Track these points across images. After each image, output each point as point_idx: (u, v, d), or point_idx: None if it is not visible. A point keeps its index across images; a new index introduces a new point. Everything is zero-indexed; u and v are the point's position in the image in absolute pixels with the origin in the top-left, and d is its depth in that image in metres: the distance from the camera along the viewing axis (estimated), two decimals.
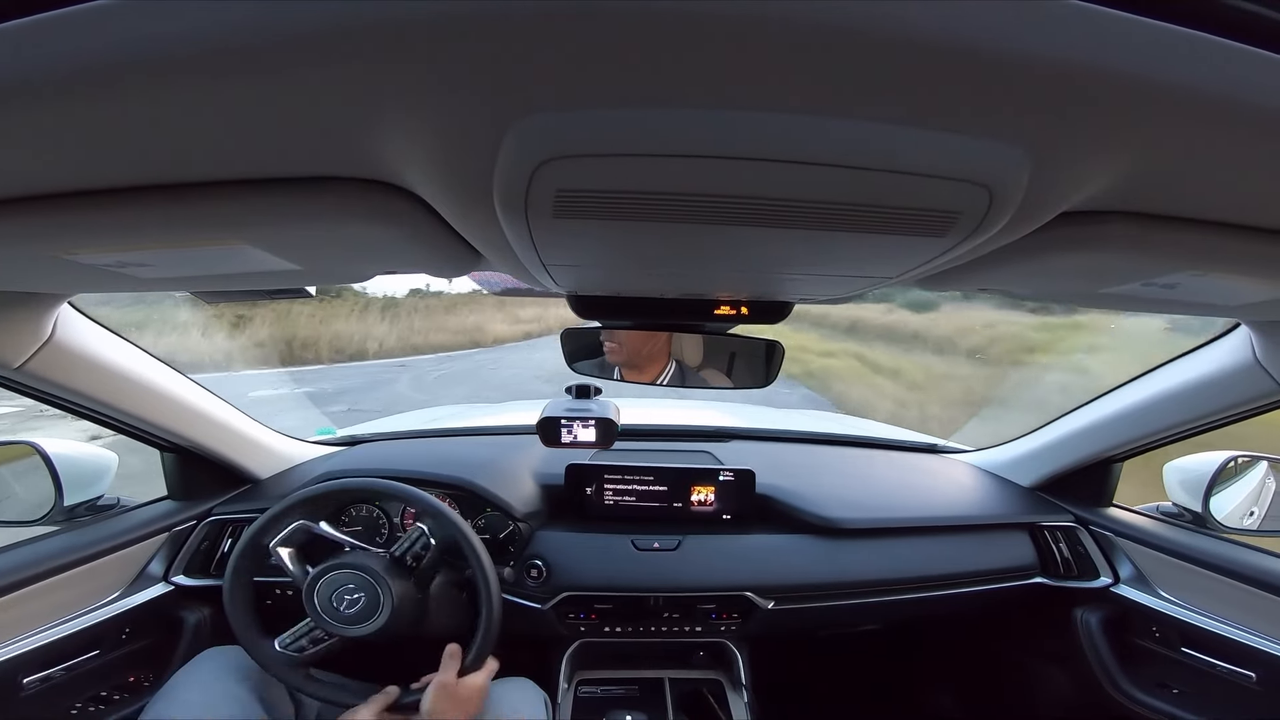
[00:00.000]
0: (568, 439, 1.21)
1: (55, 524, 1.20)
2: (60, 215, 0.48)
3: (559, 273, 0.71)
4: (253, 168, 0.45)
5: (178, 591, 1.30)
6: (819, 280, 0.74)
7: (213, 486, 1.42)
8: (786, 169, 0.37)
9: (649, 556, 1.36)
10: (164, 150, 0.40)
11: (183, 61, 0.29)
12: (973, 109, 0.32)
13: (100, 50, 0.28)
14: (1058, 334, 9.76)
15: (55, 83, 0.30)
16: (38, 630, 1.07)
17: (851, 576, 1.37)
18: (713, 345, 1.11)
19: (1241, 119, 0.32)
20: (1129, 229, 0.50)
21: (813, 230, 0.47)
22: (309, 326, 12.87)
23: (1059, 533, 1.45)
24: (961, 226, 0.44)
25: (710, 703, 1.44)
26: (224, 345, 10.82)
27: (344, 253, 0.65)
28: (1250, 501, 1.30)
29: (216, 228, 0.51)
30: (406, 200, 0.49)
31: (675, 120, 0.32)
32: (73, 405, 1.10)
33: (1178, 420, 1.21)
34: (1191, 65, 0.29)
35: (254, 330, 12.18)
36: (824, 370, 10.22)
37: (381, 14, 0.26)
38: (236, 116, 0.35)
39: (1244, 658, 1.13)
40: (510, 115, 0.33)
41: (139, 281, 0.72)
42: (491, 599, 1.12)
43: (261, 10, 0.26)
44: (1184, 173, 0.41)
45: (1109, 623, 1.37)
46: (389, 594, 1.08)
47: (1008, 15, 0.26)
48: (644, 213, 0.44)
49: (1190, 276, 0.61)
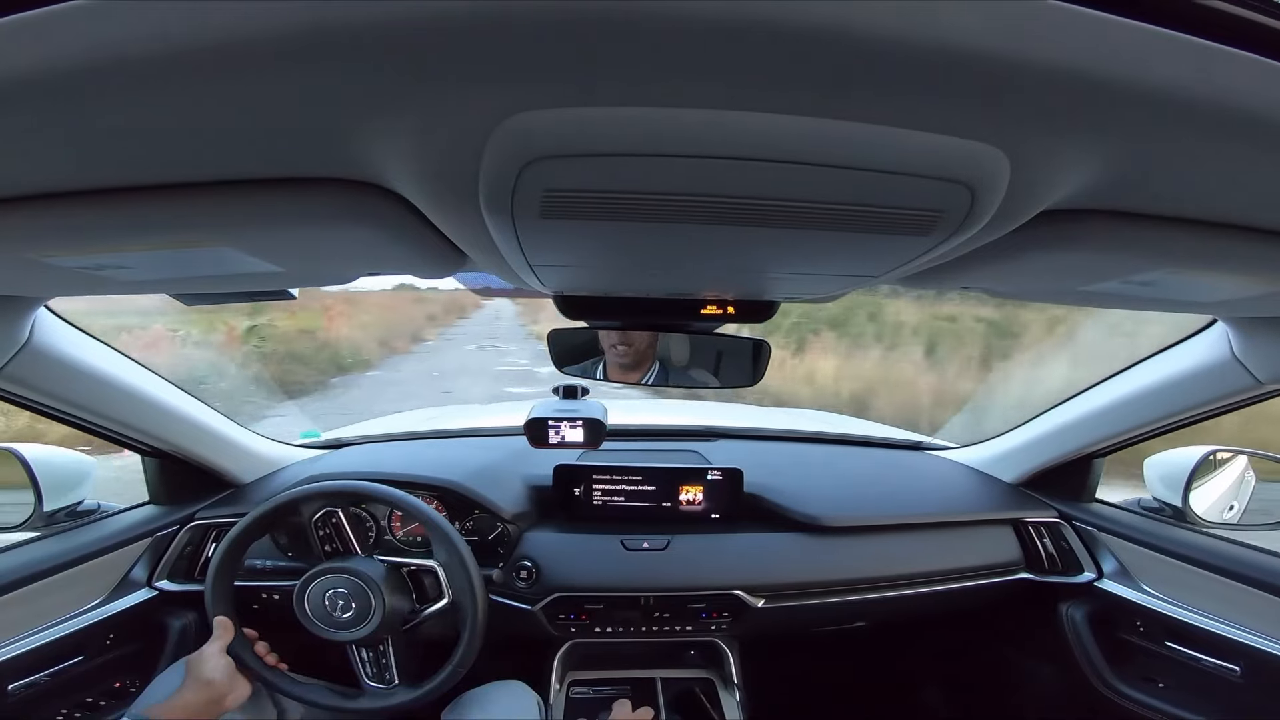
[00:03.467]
0: (555, 440, 1.20)
1: (35, 530, 1.18)
2: (36, 217, 0.47)
3: (545, 273, 0.71)
4: (233, 169, 0.44)
5: (161, 597, 1.28)
6: (804, 279, 0.74)
7: (195, 491, 1.40)
8: (772, 168, 0.37)
9: (638, 556, 1.36)
10: (141, 151, 0.40)
11: (158, 62, 0.28)
12: (953, 109, 0.32)
13: (74, 51, 0.28)
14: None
15: (27, 84, 0.30)
16: (21, 636, 1.05)
17: (840, 574, 1.38)
18: (700, 345, 1.11)
19: (1217, 119, 0.32)
20: (1108, 227, 0.51)
21: (798, 229, 0.48)
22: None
23: (1043, 528, 1.47)
24: (944, 225, 0.45)
25: (702, 701, 1.44)
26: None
27: (327, 254, 0.65)
28: (1230, 496, 1.31)
29: (196, 230, 0.51)
30: (391, 201, 0.49)
31: (661, 120, 0.33)
32: (51, 411, 1.08)
33: (1158, 415, 1.23)
34: (1168, 65, 0.29)
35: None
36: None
37: (364, 14, 0.26)
38: (215, 117, 0.35)
39: (1228, 651, 1.14)
40: (496, 115, 0.33)
41: (118, 284, 0.71)
42: (476, 599, 1.12)
43: (240, 10, 0.26)
44: (1162, 172, 0.42)
45: (1094, 617, 1.38)
46: (381, 600, 1.08)
47: (987, 16, 0.26)
48: (630, 213, 0.44)
49: (1168, 274, 0.62)
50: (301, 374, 8.70)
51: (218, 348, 8.41)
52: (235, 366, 7.78)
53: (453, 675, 1.12)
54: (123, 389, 1.14)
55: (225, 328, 9.03)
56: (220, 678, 1.02)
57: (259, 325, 9.97)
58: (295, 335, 10.19)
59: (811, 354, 8.52)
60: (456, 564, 1.14)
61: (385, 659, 1.14)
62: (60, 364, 1.02)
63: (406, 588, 1.16)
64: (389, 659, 1.14)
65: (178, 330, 8.62)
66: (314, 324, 10.82)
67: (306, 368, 8.98)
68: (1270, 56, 0.29)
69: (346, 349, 10.11)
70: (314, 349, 9.77)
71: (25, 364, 0.95)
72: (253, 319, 9.63)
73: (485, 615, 1.13)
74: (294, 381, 8.37)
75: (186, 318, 8.77)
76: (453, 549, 1.14)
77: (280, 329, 10.27)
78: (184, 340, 8.44)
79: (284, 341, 9.64)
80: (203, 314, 9.55)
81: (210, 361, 7.75)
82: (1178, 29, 0.28)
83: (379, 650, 1.14)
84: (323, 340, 10.28)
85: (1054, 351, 6.54)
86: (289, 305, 10.97)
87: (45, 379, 1.01)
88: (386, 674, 1.14)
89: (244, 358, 8.34)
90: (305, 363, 9.11)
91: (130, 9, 0.27)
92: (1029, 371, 6.79)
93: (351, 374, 9.31)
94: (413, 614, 1.15)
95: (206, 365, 7.58)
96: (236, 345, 8.61)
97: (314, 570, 1.09)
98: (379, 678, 1.14)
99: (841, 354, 8.69)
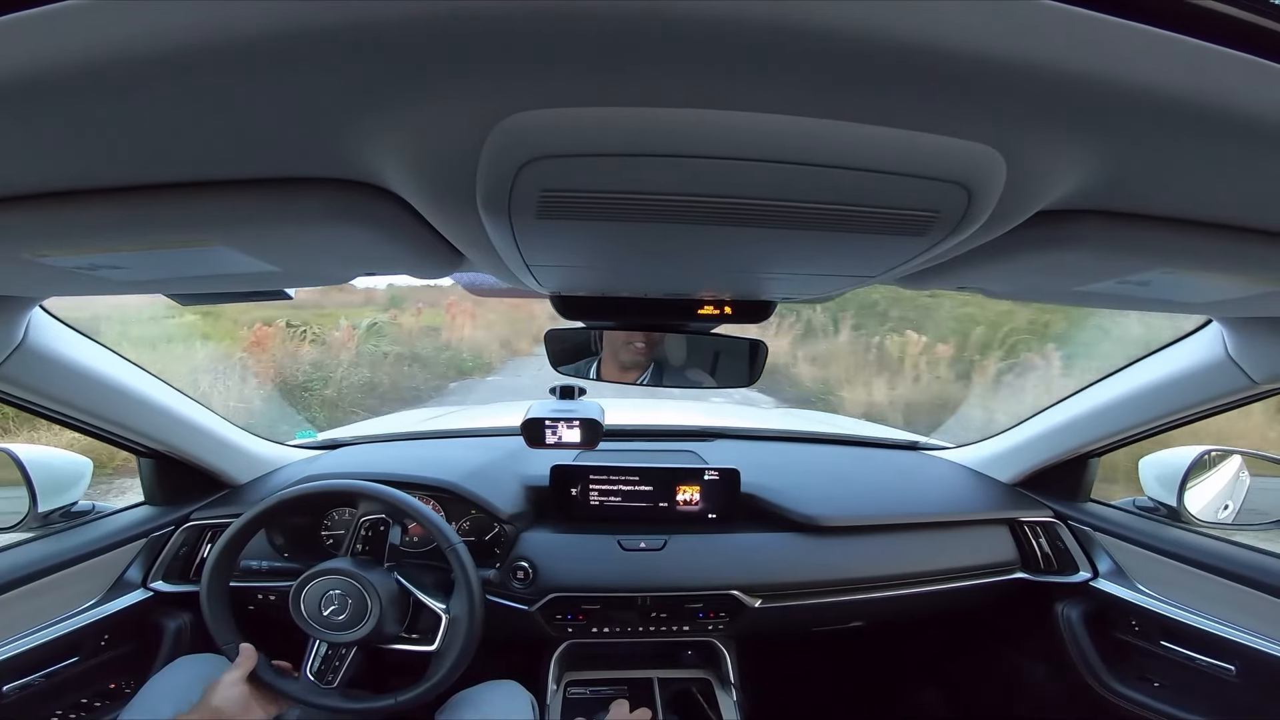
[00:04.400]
0: (552, 440, 1.20)
1: (30, 531, 1.18)
2: (30, 216, 0.47)
3: (542, 273, 0.71)
4: (229, 168, 0.44)
5: (157, 598, 1.28)
6: (801, 279, 0.74)
7: (191, 491, 1.40)
8: (769, 169, 0.37)
9: (635, 557, 1.36)
10: (136, 151, 0.40)
11: (156, 62, 0.28)
12: (950, 110, 0.32)
13: (71, 51, 0.28)
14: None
15: (21, 83, 0.29)
16: (16, 637, 1.05)
17: (837, 574, 1.38)
18: (696, 345, 1.11)
19: (1212, 120, 0.32)
20: (1104, 227, 0.51)
21: (794, 230, 0.48)
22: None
23: (1039, 528, 1.47)
24: (940, 226, 0.45)
25: (699, 702, 1.44)
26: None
27: (323, 254, 0.65)
28: (1225, 495, 1.32)
29: (191, 229, 0.51)
30: (387, 201, 0.49)
31: (659, 120, 0.33)
32: (46, 411, 1.07)
33: (1153, 415, 1.23)
34: (1164, 66, 0.29)
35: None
36: None
37: (361, 14, 0.26)
38: (211, 117, 0.34)
39: (1223, 650, 1.15)
40: (493, 116, 0.33)
41: (112, 284, 0.71)
42: (474, 598, 1.12)
43: (237, 10, 0.26)
44: (1158, 172, 0.42)
45: (1090, 617, 1.39)
46: (375, 595, 1.07)
47: (984, 17, 0.26)
48: (627, 213, 0.44)
49: (1163, 274, 0.62)
50: (419, 377, 8.22)
51: (334, 346, 8.07)
52: (345, 368, 7.40)
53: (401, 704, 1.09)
54: (118, 389, 1.14)
55: (345, 324, 8.63)
56: (231, 708, 0.99)
57: (379, 323, 9.56)
58: (418, 333, 9.72)
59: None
60: (464, 615, 1.12)
61: (339, 663, 1.11)
62: (55, 364, 1.01)
63: (405, 613, 1.14)
64: (342, 665, 1.11)
65: (296, 326, 8.27)
66: (437, 321, 10.34)
67: (425, 370, 8.48)
68: (1264, 57, 0.29)
69: (467, 350, 9.48)
70: (435, 350, 9.23)
71: (19, 364, 0.95)
72: (376, 315, 9.23)
73: (482, 612, 1.12)
74: (409, 386, 7.90)
75: (300, 315, 8.38)
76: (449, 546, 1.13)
77: (404, 327, 9.92)
78: (300, 336, 8.08)
79: (405, 341, 9.21)
80: (322, 311, 9.14)
81: (319, 362, 7.46)
82: (1173, 29, 0.28)
83: (340, 653, 1.11)
84: (444, 340, 9.71)
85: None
86: (415, 301, 10.40)
87: (40, 379, 1.00)
88: (329, 676, 1.11)
89: (361, 358, 7.94)
90: (424, 364, 8.61)
91: (124, 8, 0.27)
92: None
93: (471, 378, 8.67)
94: (395, 639, 1.13)
95: (313, 366, 7.31)
96: (353, 343, 8.25)
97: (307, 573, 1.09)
98: (320, 676, 1.11)
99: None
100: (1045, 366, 6.56)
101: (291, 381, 7.01)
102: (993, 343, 6.52)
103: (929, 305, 7.87)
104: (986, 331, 6.52)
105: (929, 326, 7.81)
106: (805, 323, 9.05)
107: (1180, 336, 1.15)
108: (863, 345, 7.89)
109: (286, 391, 6.80)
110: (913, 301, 8.06)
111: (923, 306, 8.03)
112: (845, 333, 8.34)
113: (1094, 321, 5.95)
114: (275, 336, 7.77)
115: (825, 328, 8.80)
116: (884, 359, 7.56)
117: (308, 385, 7.00)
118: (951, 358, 6.88)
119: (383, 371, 7.83)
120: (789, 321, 9.14)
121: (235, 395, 6.15)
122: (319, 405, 6.73)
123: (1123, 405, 1.27)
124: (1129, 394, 1.25)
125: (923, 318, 8.01)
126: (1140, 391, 1.23)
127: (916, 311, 8.11)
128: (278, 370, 7.07)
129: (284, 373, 7.09)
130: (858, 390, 6.84)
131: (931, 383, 6.44)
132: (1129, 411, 1.27)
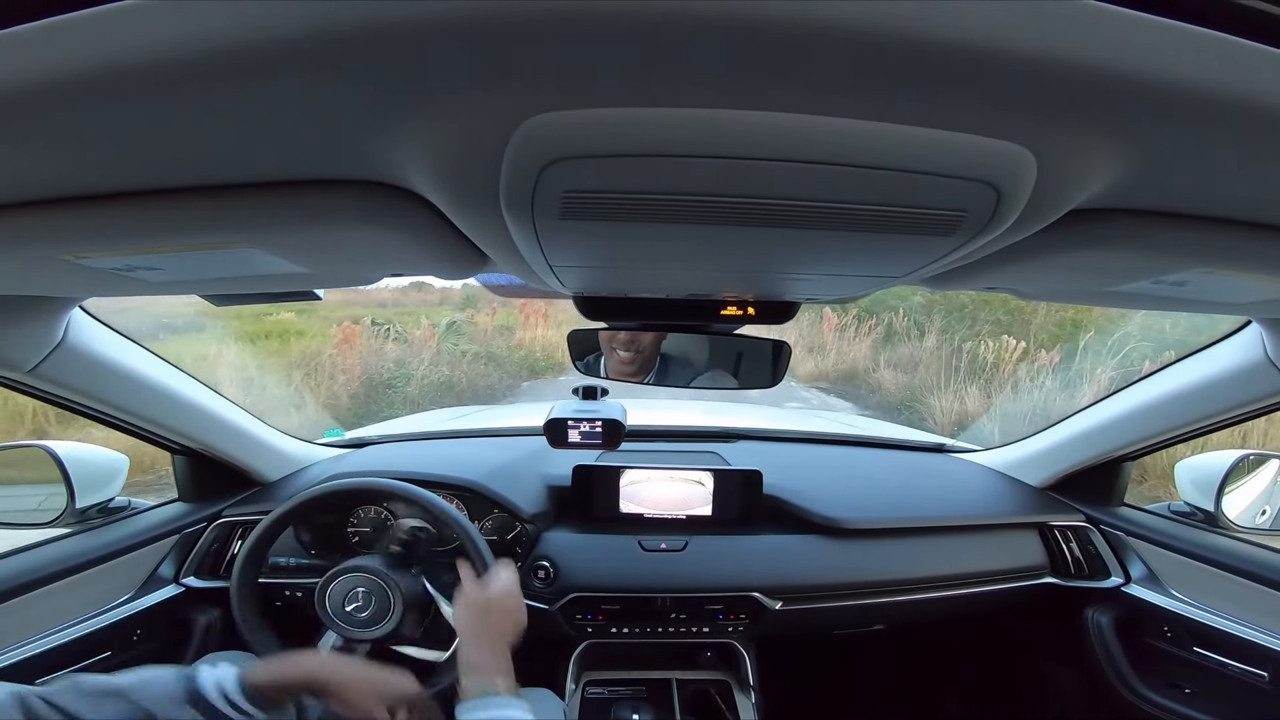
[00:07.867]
0: (575, 440, 1.21)
1: (68, 526, 1.21)
2: (69, 219, 0.48)
3: (565, 274, 0.71)
4: (260, 171, 0.45)
5: (188, 593, 1.31)
6: (826, 280, 0.74)
7: (223, 488, 1.43)
8: (795, 169, 0.36)
9: (656, 557, 1.36)
10: (170, 154, 0.41)
11: (190, 67, 0.29)
12: (980, 108, 0.32)
13: (107, 55, 0.28)
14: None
15: (62, 88, 0.30)
16: (51, 631, 1.07)
17: (859, 577, 1.37)
18: (719, 346, 1.11)
19: (1249, 116, 0.31)
20: (1138, 226, 0.50)
21: (820, 231, 0.47)
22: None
23: (1069, 532, 1.44)
24: (969, 226, 0.44)
25: (718, 703, 1.43)
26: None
27: (351, 255, 0.66)
28: (1263, 500, 1.29)
29: (223, 231, 0.52)
30: (412, 202, 0.49)
31: (683, 120, 0.32)
32: (83, 409, 1.10)
33: (1189, 419, 1.20)
34: (1199, 62, 0.28)
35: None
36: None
37: (388, 17, 0.26)
38: (243, 121, 0.35)
39: (1256, 657, 1.12)
40: (516, 116, 0.33)
41: (148, 285, 0.73)
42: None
43: (269, 13, 0.26)
44: (1193, 170, 0.41)
45: (1120, 623, 1.36)
46: (398, 594, 1.08)
47: (1016, 14, 0.26)
48: (652, 214, 0.44)
49: (1200, 274, 0.60)
50: (494, 376, 8.32)
51: (416, 344, 8.26)
52: (426, 366, 7.54)
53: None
54: (153, 388, 1.16)
55: (426, 323, 8.89)
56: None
57: (457, 321, 9.79)
58: (493, 333, 9.87)
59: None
60: (476, 561, 1.13)
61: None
62: (93, 363, 1.04)
63: (424, 618, 1.14)
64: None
65: (381, 324, 8.55)
66: (511, 321, 10.38)
67: (500, 369, 8.58)
68: None
69: (540, 349, 9.46)
70: (508, 349, 9.32)
71: (59, 362, 0.98)
72: (454, 314, 9.50)
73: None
74: (485, 384, 7.96)
75: (383, 313, 8.61)
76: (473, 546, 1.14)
77: (479, 326, 10.08)
78: (384, 334, 8.35)
79: (480, 340, 9.40)
80: (403, 310, 9.45)
81: (402, 360, 7.61)
82: (1211, 27, 0.27)
83: (351, 650, 1.11)
84: (518, 340, 9.77)
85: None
86: (490, 300, 10.47)
87: (78, 377, 1.03)
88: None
89: (440, 357, 8.11)
90: (499, 363, 8.74)
91: (162, 13, 0.27)
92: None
93: (544, 378, 8.71)
94: (408, 642, 1.13)
95: (396, 364, 7.45)
96: (433, 341, 8.44)
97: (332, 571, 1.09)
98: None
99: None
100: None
101: (377, 379, 7.14)
102: (1104, 351, 6.27)
103: (1021, 308, 7.41)
104: (1097, 339, 6.25)
105: (1022, 331, 7.52)
106: (886, 325, 8.78)
107: (1218, 338, 1.12)
108: (950, 351, 7.61)
109: (371, 388, 6.95)
110: (1004, 304, 7.70)
111: (1015, 310, 7.58)
112: (932, 337, 8.03)
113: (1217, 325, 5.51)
114: (361, 334, 7.98)
115: (909, 331, 8.48)
116: (976, 365, 7.30)
117: (391, 383, 7.12)
118: (1056, 365, 6.65)
119: (460, 370, 7.96)
120: (868, 325, 8.89)
121: (325, 391, 6.37)
122: (401, 403, 6.79)
123: (1158, 408, 1.24)
124: (1165, 396, 1.22)
125: (1015, 322, 7.69)
126: (1176, 394, 1.20)
127: (1009, 316, 7.77)
128: (364, 368, 7.23)
129: (369, 370, 7.24)
130: (948, 398, 6.56)
131: (1033, 392, 6.20)
132: (1165, 414, 1.23)
